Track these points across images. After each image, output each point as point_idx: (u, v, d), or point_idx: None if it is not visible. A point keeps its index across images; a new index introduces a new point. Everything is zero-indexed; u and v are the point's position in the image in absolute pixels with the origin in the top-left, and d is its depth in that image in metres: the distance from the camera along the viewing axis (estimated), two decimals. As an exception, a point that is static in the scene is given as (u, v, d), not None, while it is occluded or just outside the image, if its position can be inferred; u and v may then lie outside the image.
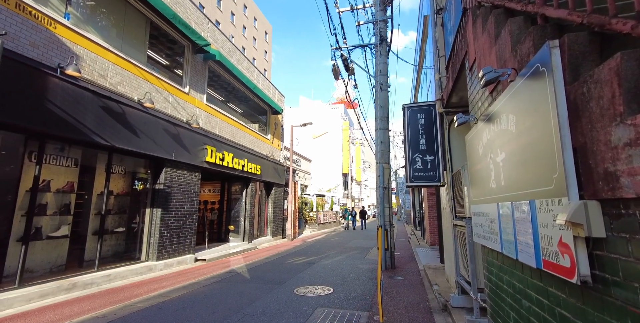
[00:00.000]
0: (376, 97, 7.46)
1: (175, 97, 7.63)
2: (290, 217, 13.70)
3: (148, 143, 6.56)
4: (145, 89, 6.66)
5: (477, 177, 2.40)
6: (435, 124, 4.31)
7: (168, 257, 7.04)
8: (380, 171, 7.01)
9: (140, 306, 4.28)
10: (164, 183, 7.08)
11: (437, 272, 5.86)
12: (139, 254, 6.74)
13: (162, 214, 6.97)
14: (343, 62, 8.18)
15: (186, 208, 7.74)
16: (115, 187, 6.50)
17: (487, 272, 2.38)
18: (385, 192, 6.96)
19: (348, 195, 41.68)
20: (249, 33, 39.45)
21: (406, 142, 4.43)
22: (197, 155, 8.15)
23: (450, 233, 4.47)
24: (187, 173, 7.83)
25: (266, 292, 5.03)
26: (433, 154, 4.27)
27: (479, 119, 2.30)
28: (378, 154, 7.22)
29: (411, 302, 4.44)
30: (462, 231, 3.50)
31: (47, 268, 5.09)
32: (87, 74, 5.43)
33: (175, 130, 7.40)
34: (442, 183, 4.17)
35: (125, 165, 6.68)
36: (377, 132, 7.34)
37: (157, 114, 6.87)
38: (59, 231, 5.36)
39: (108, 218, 6.31)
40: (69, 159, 5.60)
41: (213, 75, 9.82)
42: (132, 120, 6.17)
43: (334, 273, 6.43)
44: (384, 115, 7.33)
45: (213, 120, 9.19)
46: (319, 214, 20.89)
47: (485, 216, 2.18)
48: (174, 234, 7.27)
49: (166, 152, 7.08)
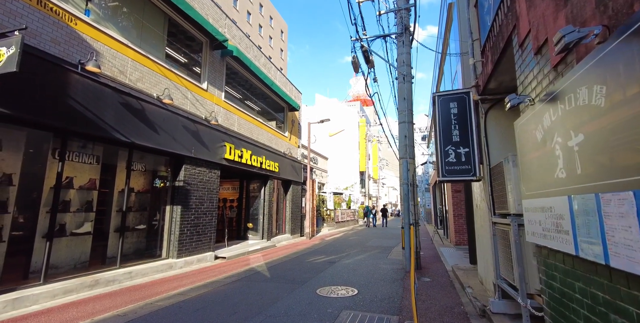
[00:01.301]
0: (399, 89, 7.12)
1: (193, 93, 7.57)
2: (308, 215, 13.53)
3: (167, 140, 6.51)
4: (164, 85, 6.61)
5: (532, 167, 2.09)
6: (469, 113, 3.96)
7: (188, 254, 7.00)
8: (405, 167, 6.68)
9: (161, 305, 4.18)
10: (183, 181, 7.04)
11: (468, 274, 5.49)
12: (159, 251, 6.72)
13: (182, 211, 6.93)
14: (363, 53, 7.87)
15: (206, 205, 7.68)
16: (135, 184, 6.49)
17: (546, 276, 2.06)
18: (411, 188, 6.62)
19: (365, 194, 41.20)
20: (264, 32, 39.59)
21: (437, 134, 4.10)
22: (216, 152, 8.08)
23: (486, 232, 4.12)
24: (206, 171, 7.77)
25: (288, 291, 4.85)
26: (467, 146, 3.93)
27: (537, 100, 1.98)
28: (402, 149, 6.88)
29: (444, 305, 4.12)
30: (505, 230, 3.16)
31: (71, 265, 5.10)
32: (106, 70, 5.41)
33: (194, 127, 7.34)
34: (478, 177, 3.83)
35: (145, 162, 6.67)
36: (401, 125, 7.00)
37: (176, 110, 6.81)
38: (82, 228, 5.38)
39: (129, 216, 6.31)
40: (90, 156, 5.60)
41: (231, 73, 9.74)
42: (151, 117, 6.13)
43: (357, 274, 6.17)
44: (407, 108, 6.98)
45: (231, 117, 9.11)
46: (337, 212, 20.64)
47: (547, 212, 1.87)
48: (193, 232, 7.22)
49: (185, 149, 7.02)
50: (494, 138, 3.83)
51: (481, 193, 4.40)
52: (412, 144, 6.91)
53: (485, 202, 3.83)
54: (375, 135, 46.99)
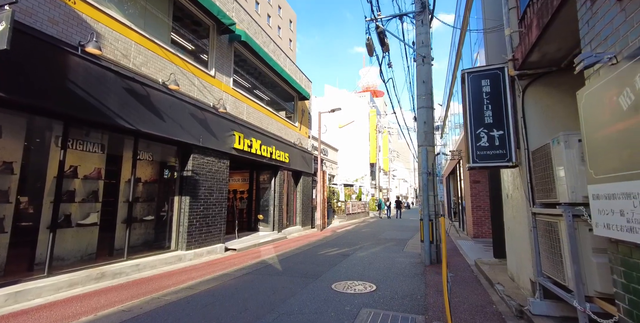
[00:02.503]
0: (417, 72, 6.64)
1: (200, 80, 7.25)
2: (319, 206, 13.26)
3: (174, 128, 6.24)
4: (170, 71, 6.31)
5: (609, 144, 1.69)
6: (504, 92, 3.52)
7: (198, 246, 6.81)
8: (424, 155, 6.26)
9: (168, 299, 3.96)
10: (191, 170, 6.80)
11: (495, 269, 5.10)
12: (168, 243, 6.54)
13: (191, 202, 6.71)
14: (378, 35, 7.39)
15: (215, 196, 7.45)
16: (143, 174, 6.28)
17: (625, 278, 1.69)
18: (430, 178, 6.21)
19: (376, 186, 40.77)
20: (273, 22, 38.89)
21: (468, 116, 3.68)
22: (225, 141, 7.80)
23: (521, 224, 3.72)
24: (215, 160, 7.51)
25: (301, 286, 4.57)
26: (502, 128, 3.50)
27: (621, 58, 1.57)
28: (421, 136, 6.45)
29: (473, 304, 3.78)
30: (550, 221, 2.77)
31: (77, 257, 4.93)
32: (109, 54, 5.12)
33: (202, 114, 7.06)
34: (514, 163, 3.42)
35: (152, 151, 6.44)
36: (419, 111, 6.55)
37: (182, 97, 6.52)
38: (88, 219, 5.19)
39: (137, 206, 6.11)
40: (95, 145, 5.38)
41: (239, 60, 9.37)
42: (157, 103, 5.86)
43: (373, 267, 5.86)
44: (427, 92, 6.52)
45: (240, 105, 8.79)
46: (348, 204, 20.35)
47: (633, 199, 1.48)
48: (203, 223, 7.01)
49: (193, 137, 6.75)
50: (533, 119, 3.40)
51: (514, 182, 3.98)
52: (432, 131, 6.47)
53: (523, 190, 3.42)
54: (386, 126, 46.19)
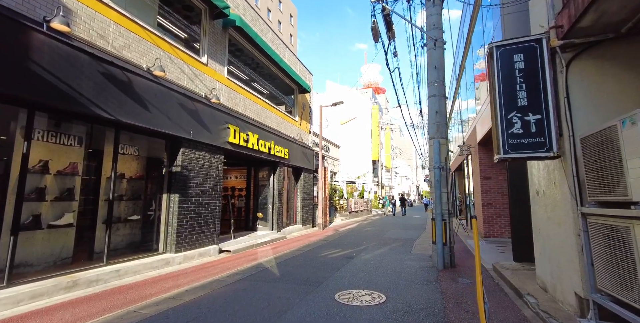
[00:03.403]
0: (428, 57, 6.03)
1: (191, 67, 6.67)
2: (320, 204, 12.71)
3: (161, 119, 5.67)
4: (156, 56, 5.72)
5: None
6: (542, 68, 2.92)
7: (188, 248, 6.26)
8: (436, 148, 5.67)
9: (145, 313, 3.41)
10: (181, 166, 6.23)
11: (519, 275, 4.53)
12: (156, 245, 5.99)
13: (180, 200, 6.15)
14: (384, 18, 6.77)
15: (208, 194, 6.89)
16: (127, 170, 5.72)
17: None
18: (443, 173, 5.63)
19: (378, 183, 40.21)
20: (273, 16, 38.14)
21: (496, 98, 3.09)
22: (218, 135, 7.23)
23: (559, 226, 3.14)
24: (207, 155, 6.94)
25: (300, 296, 4.02)
26: (539, 112, 2.91)
27: None
28: (432, 127, 5.86)
29: (502, 320, 3.21)
30: (615, 225, 2.19)
31: (49, 262, 4.39)
32: (82, 33, 4.54)
33: (192, 105, 6.48)
34: (556, 152, 2.84)
35: (138, 145, 5.88)
36: (431, 100, 5.95)
37: (170, 85, 5.94)
38: (62, 219, 4.64)
39: (120, 205, 5.57)
40: (70, 137, 4.81)
41: (235, 49, 8.78)
42: (141, 92, 5.28)
43: (380, 272, 5.30)
44: (439, 79, 5.91)
45: (236, 96, 8.20)
46: (350, 202, 19.81)
47: None
48: (194, 223, 6.46)
49: (183, 130, 6.19)
50: (579, 99, 2.81)
51: (549, 176, 3.40)
52: (445, 121, 5.87)
53: (563, 186, 2.84)
54: (388, 122, 45.50)
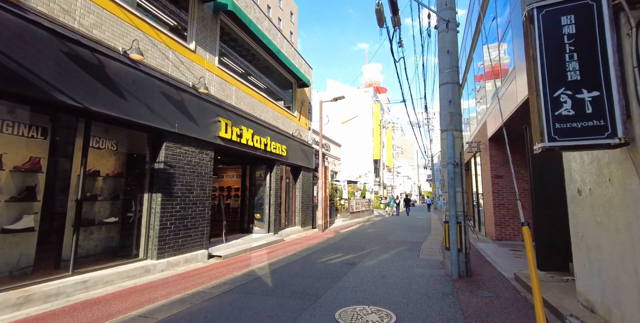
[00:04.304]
0: (440, 41, 5.39)
1: (177, 53, 6.04)
2: (320, 205, 12.07)
3: (141, 109, 5.05)
4: (134, 38, 5.09)
5: None
6: (600, 31, 2.29)
7: (172, 253, 5.63)
8: (449, 141, 5.03)
9: (102, 340, 2.78)
10: (164, 162, 5.61)
11: (552, 288, 3.87)
12: (135, 251, 5.37)
13: (163, 201, 5.53)
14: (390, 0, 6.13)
15: (196, 193, 6.26)
16: (104, 167, 5.10)
17: None
18: (457, 170, 4.99)
19: (380, 183, 39.56)
20: (273, 13, 37.52)
21: (537, 71, 2.46)
22: (208, 128, 6.60)
23: (620, 234, 2.50)
24: (195, 151, 6.31)
25: (295, 314, 3.39)
26: (597, 88, 2.28)
27: None
28: (445, 118, 5.22)
29: (544, 352, 2.57)
30: None
31: (3, 273, 3.77)
32: (40, 6, 3.90)
33: (178, 95, 5.85)
34: (623, 139, 2.21)
35: (116, 138, 5.26)
36: (443, 88, 5.31)
37: (152, 72, 5.32)
38: (20, 222, 4.02)
39: (95, 206, 4.96)
40: (32, 128, 4.20)
41: (229, 39, 8.16)
42: (115, 77, 4.65)
43: (387, 283, 4.66)
44: (452, 65, 5.27)
45: (228, 87, 7.57)
46: (351, 202, 19.16)
47: None
48: (179, 225, 5.83)
49: (166, 122, 5.56)
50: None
51: (602, 171, 2.76)
52: (459, 112, 5.23)
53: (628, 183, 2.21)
54: (390, 121, 44.84)
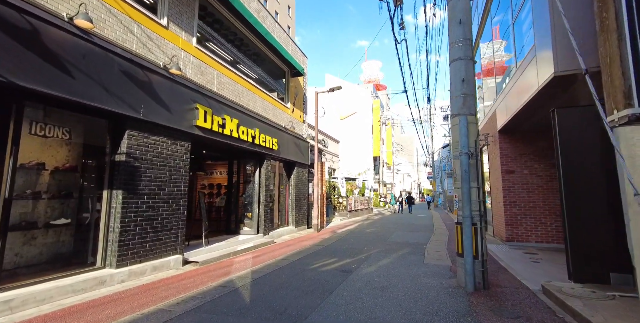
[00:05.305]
0: (450, 9, 4.55)
1: (144, 28, 5.20)
2: (316, 203, 11.26)
3: (92, 89, 4.21)
4: (82, 1, 4.24)
5: None
6: None
7: (137, 260, 4.82)
8: (462, 127, 4.21)
9: None
10: (127, 154, 4.78)
11: (602, 309, 3.05)
12: (92, 258, 4.55)
13: (126, 199, 4.71)
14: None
15: (168, 190, 5.44)
16: (51, 159, 4.28)
17: None
18: (472, 161, 4.17)
19: (379, 180, 38.79)
20: (270, 6, 36.48)
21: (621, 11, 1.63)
22: (183, 116, 5.78)
23: None
24: (167, 142, 5.49)
25: (268, 347, 2.58)
26: None
27: None
28: (456, 101, 4.39)
29: None
30: None
31: None
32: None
33: (144, 76, 5.02)
34: None
35: (68, 125, 4.43)
36: (454, 65, 4.48)
37: (110, 47, 4.48)
38: None
39: (39, 206, 4.14)
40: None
41: (212, 20, 7.32)
42: (57, 49, 3.81)
43: (389, 298, 3.85)
44: (464, 37, 4.44)
45: (209, 71, 6.73)
46: (350, 200, 18.37)
47: None
48: (147, 228, 5.02)
49: (129, 106, 4.73)
50: None
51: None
52: (474, 93, 4.40)
53: None
54: (390, 117, 43.97)
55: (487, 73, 10.23)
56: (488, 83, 10.30)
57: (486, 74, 10.35)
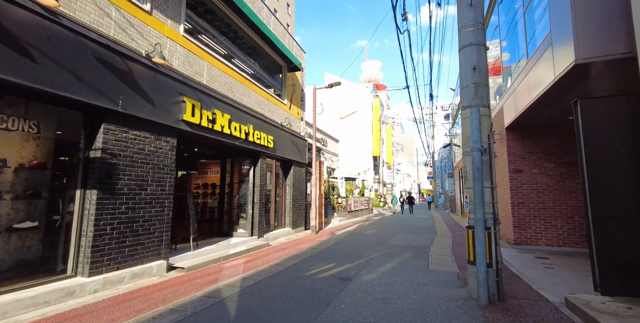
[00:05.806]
0: (461, -11, 4.10)
1: (123, 12, 4.75)
2: (314, 203, 10.81)
3: (60, 77, 3.76)
4: (52, -19, 3.79)
5: None
6: None
7: (114, 267, 4.37)
8: (474, 120, 3.76)
9: None
10: (103, 150, 4.33)
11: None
12: (62, 265, 4.10)
13: (102, 199, 4.26)
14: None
15: (150, 190, 5.00)
16: (15, 155, 3.83)
17: None
18: (485, 158, 3.72)
19: (379, 180, 38.36)
20: (269, 4, 36.06)
21: None
22: (168, 110, 5.33)
23: None
24: (150, 137, 5.04)
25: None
26: None
27: None
28: (468, 91, 3.95)
29: None
30: None
31: None
32: None
33: (124, 65, 4.57)
34: None
35: (36, 118, 3.99)
36: (464, 51, 4.04)
37: (83, 31, 4.02)
38: None
39: (0, 207, 3.69)
40: None
41: (204, 10, 6.87)
42: (15, 29, 3.37)
43: (392, 312, 3.41)
44: (475, 20, 4.00)
45: (197, 62, 6.28)
46: (349, 201, 17.92)
47: None
48: (126, 231, 4.56)
49: (106, 98, 4.28)
50: None
51: None
52: (486, 83, 3.96)
53: None
54: (390, 117, 43.56)
55: (492, 72, 9.81)
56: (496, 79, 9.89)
57: (492, 73, 9.93)
